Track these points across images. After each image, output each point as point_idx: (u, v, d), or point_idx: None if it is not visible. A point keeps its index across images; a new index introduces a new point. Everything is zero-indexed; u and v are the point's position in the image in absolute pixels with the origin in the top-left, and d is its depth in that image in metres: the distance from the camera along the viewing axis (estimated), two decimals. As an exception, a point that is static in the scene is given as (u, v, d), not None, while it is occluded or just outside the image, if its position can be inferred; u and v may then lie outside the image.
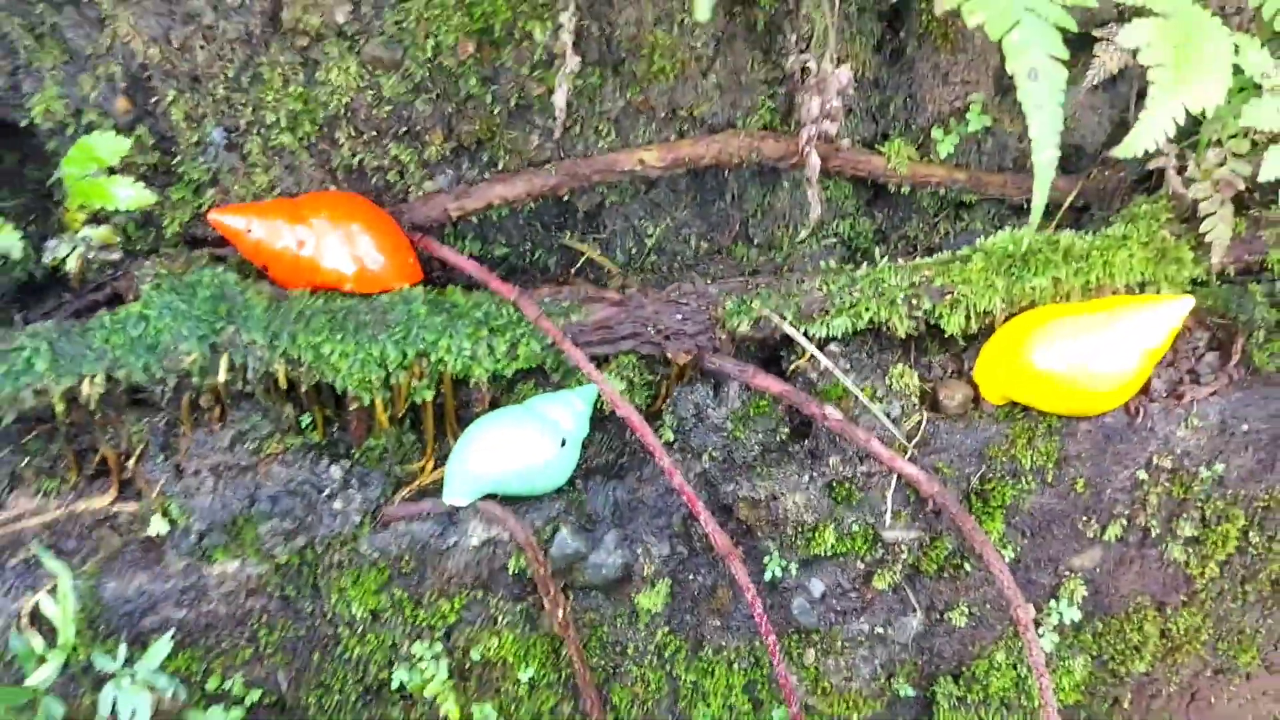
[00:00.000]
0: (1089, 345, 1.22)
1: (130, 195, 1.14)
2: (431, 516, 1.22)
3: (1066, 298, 1.30)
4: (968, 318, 1.30)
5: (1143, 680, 1.52)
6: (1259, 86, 1.09)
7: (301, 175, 1.26)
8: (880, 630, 1.35)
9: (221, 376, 1.14)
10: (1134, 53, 0.92)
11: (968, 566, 1.34)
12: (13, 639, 1.15)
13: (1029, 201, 1.43)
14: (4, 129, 1.24)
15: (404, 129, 1.25)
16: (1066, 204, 1.42)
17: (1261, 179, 1.06)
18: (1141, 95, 1.39)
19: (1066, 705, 1.49)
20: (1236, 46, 1.05)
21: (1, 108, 1.22)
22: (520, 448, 1.19)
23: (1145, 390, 1.31)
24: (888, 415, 1.27)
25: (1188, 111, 1.31)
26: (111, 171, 1.16)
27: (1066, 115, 1.40)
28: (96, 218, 1.27)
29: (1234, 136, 1.29)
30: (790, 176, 1.40)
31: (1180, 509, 1.36)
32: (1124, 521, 1.36)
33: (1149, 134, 0.86)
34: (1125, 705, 1.54)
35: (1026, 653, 1.25)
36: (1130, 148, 0.86)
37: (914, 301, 1.28)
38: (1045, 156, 0.84)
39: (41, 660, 1.14)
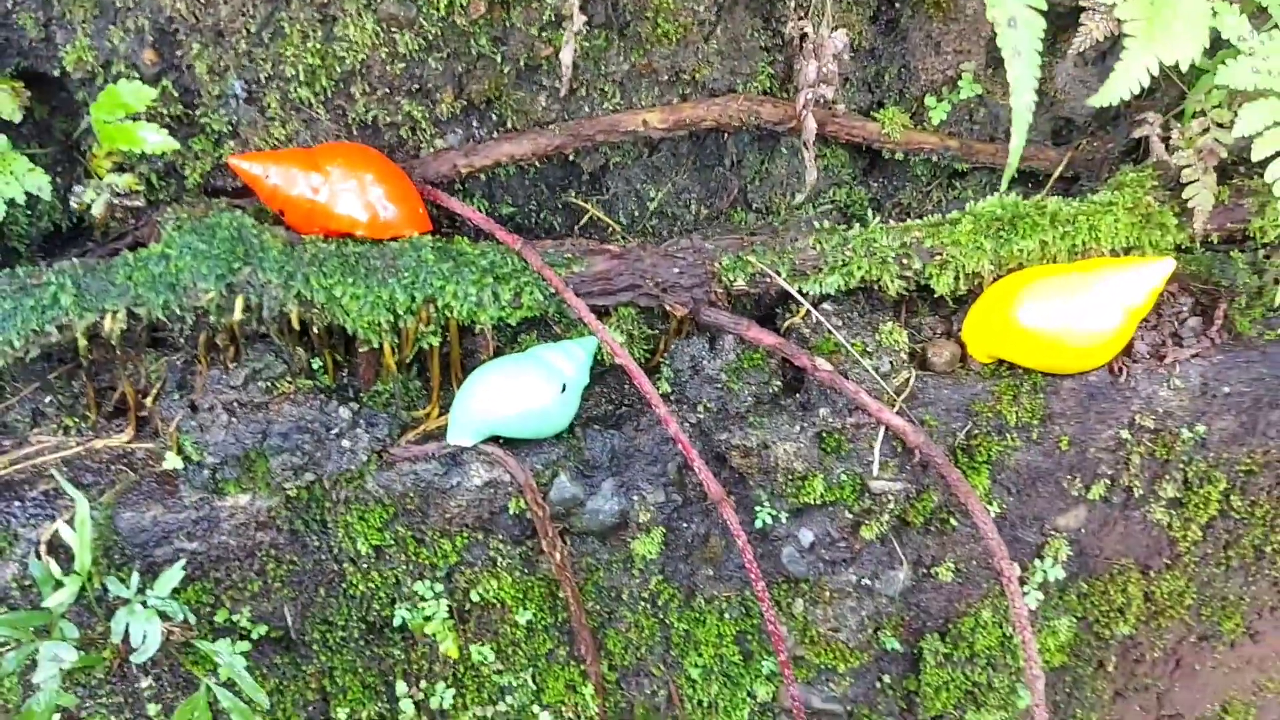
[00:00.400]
0: (1073, 304, 1.27)
1: (157, 140, 1.19)
2: (436, 457, 1.27)
3: (1053, 260, 1.35)
4: (956, 278, 1.34)
5: (1127, 644, 1.55)
6: (1236, 50, 1.14)
7: (318, 129, 1.32)
8: (868, 582, 1.39)
9: (237, 315, 1.19)
10: (1111, 8, 0.96)
11: (954, 522, 1.38)
12: (32, 565, 1.20)
13: (1020, 172, 1.48)
14: (37, 80, 1.29)
15: (416, 86, 1.30)
16: (1056, 174, 1.47)
17: (1235, 134, 1.10)
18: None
19: (1052, 668, 1.53)
20: (1214, 10, 1.09)
21: (35, 59, 1.27)
22: (523, 391, 1.24)
23: (1128, 351, 1.36)
24: (877, 370, 1.31)
25: (1173, 78, 1.36)
26: (136, 118, 1.21)
27: (1056, 89, 1.46)
28: (121, 166, 1.33)
29: (1217, 106, 1.33)
30: (788, 143, 1.45)
31: (1163, 470, 1.40)
32: (1108, 481, 1.39)
33: (1124, 84, 0.91)
34: (1110, 669, 1.57)
35: (1010, 608, 1.29)
36: (1105, 96, 0.90)
37: (904, 261, 1.33)
38: (1023, 100, 0.89)
39: (58, 585, 1.19)
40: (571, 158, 1.40)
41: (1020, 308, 1.28)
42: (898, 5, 1.39)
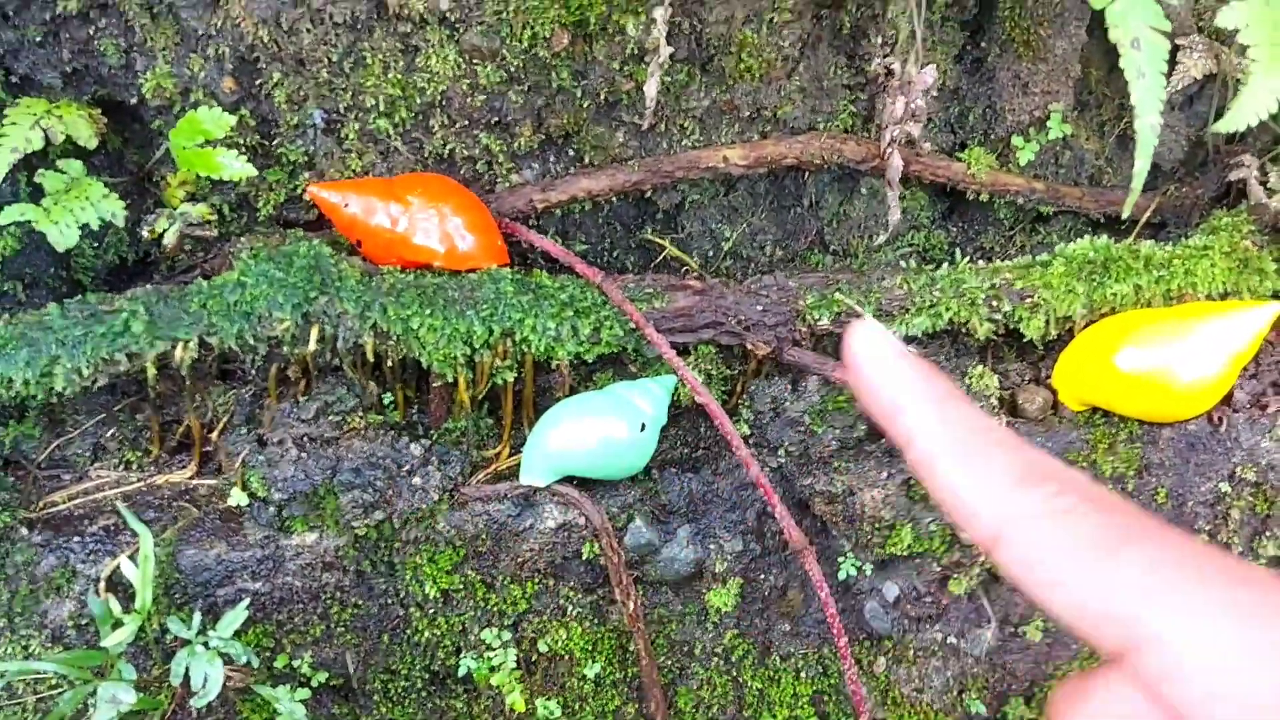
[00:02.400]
0: (1173, 348, 1.22)
1: (237, 166, 1.18)
2: (509, 497, 1.22)
3: (1148, 305, 1.30)
4: (1047, 322, 1.29)
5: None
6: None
7: (395, 161, 1.29)
8: (954, 640, 1.32)
9: (312, 346, 1.16)
10: (1232, 34, 0.93)
11: (1045, 576, 1.32)
12: (90, 602, 1.15)
13: (1106, 215, 1.44)
14: (112, 109, 1.28)
15: (495, 119, 1.28)
16: (1143, 220, 1.43)
17: None
18: (1220, 113, 1.41)
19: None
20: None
21: (113, 86, 1.26)
22: (599, 429, 1.20)
23: (1229, 400, 1.30)
24: (967, 415, 1.26)
25: (1266, 122, 1.32)
26: (215, 145, 1.20)
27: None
28: (194, 197, 1.31)
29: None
30: (868, 184, 1.42)
31: (1264, 526, 1.33)
32: (1205, 537, 1.33)
33: (1250, 109, 0.87)
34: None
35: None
36: (1231, 123, 0.86)
37: (994, 303, 1.28)
38: (1148, 122, 0.85)
39: (118, 624, 1.14)
40: (648, 195, 1.37)
41: (1117, 352, 1.23)
42: (984, 44, 1.37)
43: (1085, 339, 1.28)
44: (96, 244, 1.34)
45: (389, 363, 1.20)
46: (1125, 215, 1.00)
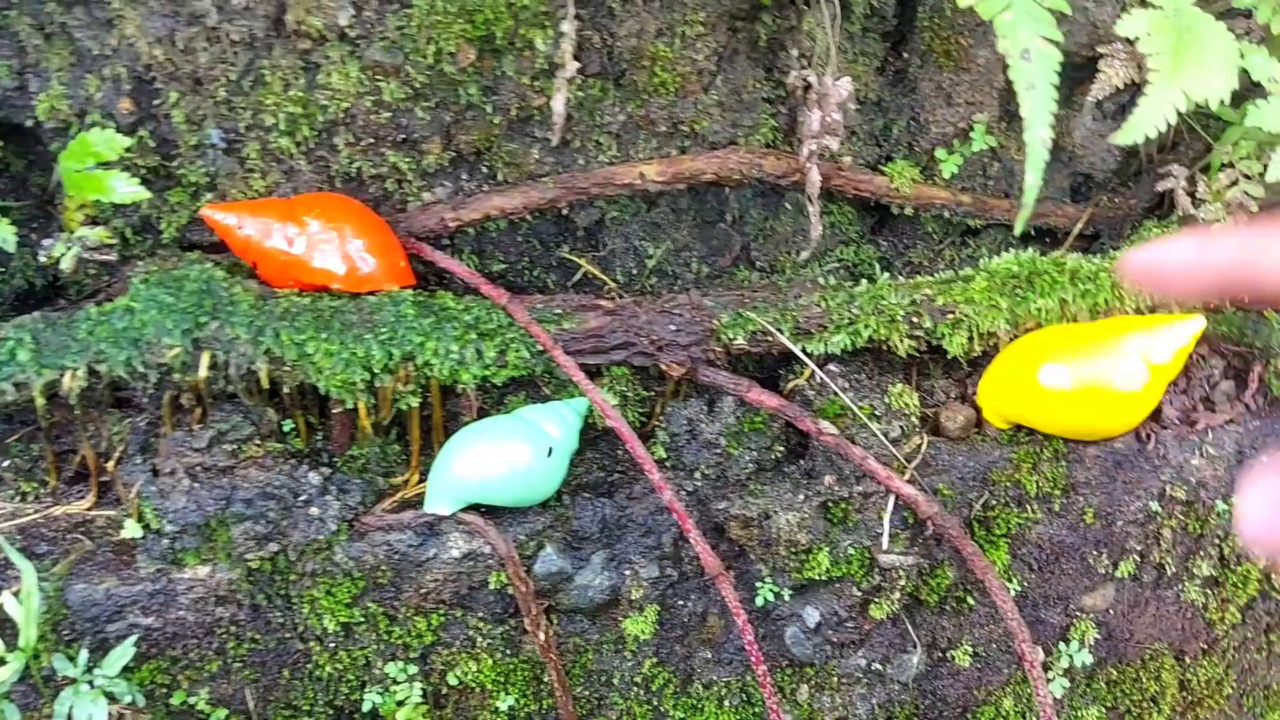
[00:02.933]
0: (1097, 364, 1.18)
1: (127, 189, 1.14)
2: (411, 527, 1.19)
3: (1073, 320, 1.27)
4: (970, 338, 1.26)
5: (1163, 737, 1.43)
6: (1266, 92, 1.07)
7: (299, 181, 1.26)
8: (879, 667, 1.29)
9: (203, 373, 1.12)
10: (1133, 42, 0.90)
11: (971, 600, 1.28)
12: (-25, 639, 1.11)
13: (1038, 228, 1.41)
14: (10, 131, 1.25)
15: (402, 137, 1.25)
16: (1075, 232, 1.40)
17: (1269, 179, 1.03)
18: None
19: (1082, 762, 1.41)
20: (1241, 52, 1.03)
21: (9, 109, 1.22)
22: (506, 455, 1.16)
23: (1157, 417, 1.27)
24: (886, 435, 1.23)
25: (1198, 130, 1.29)
26: (109, 166, 1.16)
27: (1074, 143, 1.39)
28: (95, 220, 1.27)
29: (1245, 157, 1.27)
30: (792, 198, 1.39)
31: (1197, 546, 1.30)
32: (1137, 557, 1.29)
33: (1148, 120, 0.84)
34: (1145, 764, 1.45)
35: (1034, 697, 1.18)
36: (1129, 134, 0.83)
37: (915, 320, 1.25)
38: (1038, 134, 0.82)
39: (1, 663, 1.10)
40: (565, 212, 1.34)
41: (1040, 369, 1.20)
42: (906, 55, 1.34)
43: (1008, 355, 1.25)
44: (1, 269, 1.31)
45: (286, 389, 1.17)
46: (1017, 232, 0.97)
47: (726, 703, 1.31)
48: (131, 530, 1.17)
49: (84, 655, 1.12)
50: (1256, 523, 0.49)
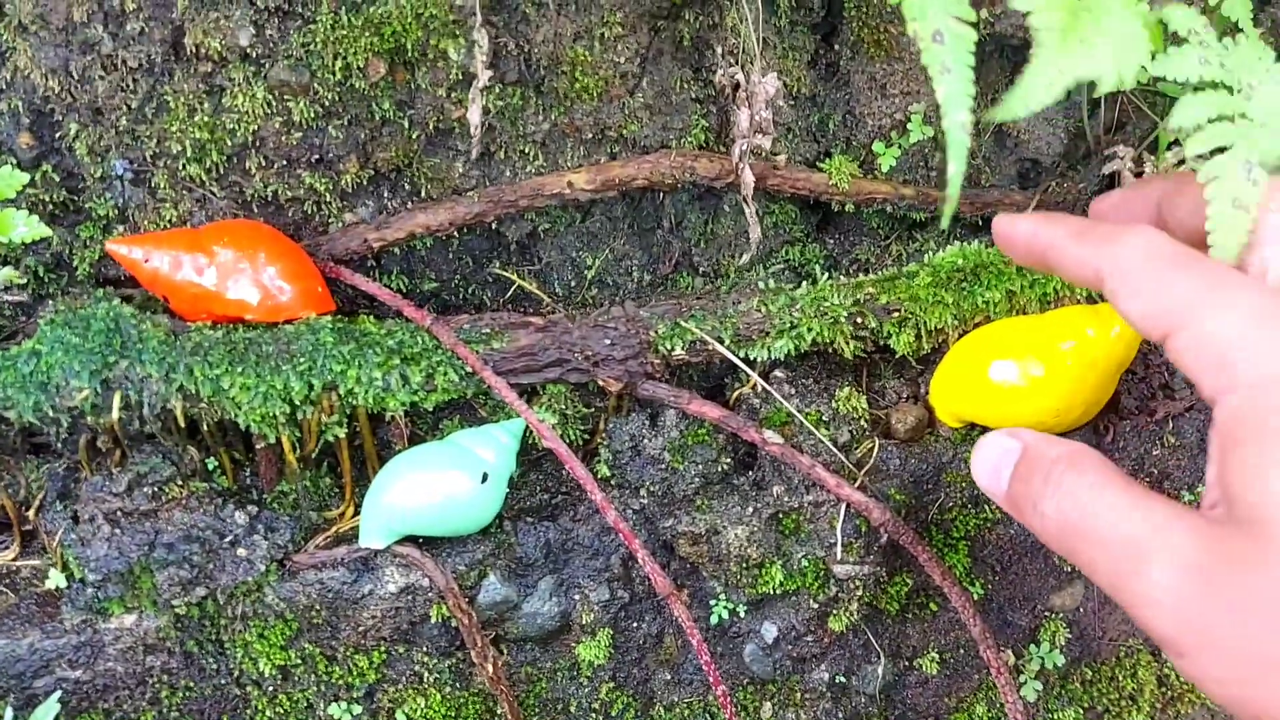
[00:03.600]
0: (1048, 356, 1.14)
1: (24, 230, 1.10)
2: (344, 563, 1.14)
3: (1022, 312, 1.22)
4: (918, 336, 1.22)
5: (1143, 734, 1.39)
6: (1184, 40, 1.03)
7: (213, 208, 1.21)
8: (843, 679, 1.24)
9: (115, 414, 1.08)
10: (1025, 16, 0.85)
11: (934, 606, 1.24)
12: (-108, 704, 1.07)
13: (984, 218, 1.36)
14: (-90, 172, 1.20)
15: (317, 157, 1.20)
16: (1024, 220, 1.35)
17: (1171, 126, 0.98)
18: (1099, 102, 1.34)
19: (1062, 764, 1.36)
20: (1162, 19, 0.98)
21: (-97, 148, 1.18)
22: (438, 483, 1.12)
23: (1114, 407, 1.22)
24: (835, 441, 1.18)
25: (1145, 110, 1.25)
26: (10, 204, 1.12)
27: (1019, 129, 1.35)
28: (4, 260, 1.23)
29: (1191, 135, 1.22)
30: (730, 200, 1.34)
31: (1164, 537, 1.25)
32: (1103, 553, 1.25)
33: (1025, 99, 0.79)
34: (1127, 763, 1.41)
35: (1005, 703, 1.14)
36: (1007, 111, 0.78)
37: (859, 320, 1.21)
38: (956, 119, 0.77)
39: (-79, 727, 1.06)
40: (495, 226, 1.30)
41: (990, 365, 1.16)
42: (836, 47, 1.29)
43: (957, 352, 1.20)
44: (-84, 313, 1.26)
45: (205, 426, 1.12)
46: (944, 226, 0.92)
47: (688, 725, 1.27)
48: (55, 580, 1.13)
49: (9, 714, 1.08)
50: (985, 473, 0.77)
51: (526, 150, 1.26)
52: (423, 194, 1.26)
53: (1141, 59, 0.81)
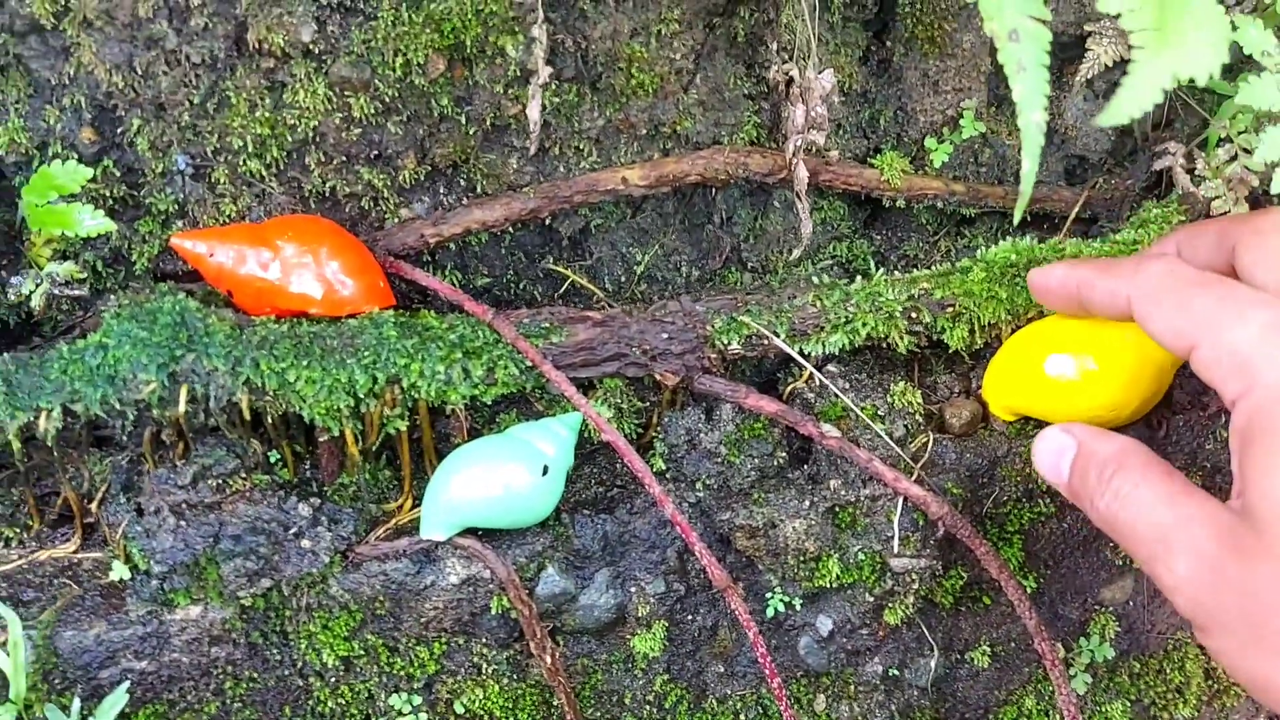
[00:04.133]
0: (1104, 351, 1.15)
1: (93, 223, 1.10)
2: (407, 555, 1.15)
3: (1076, 306, 1.23)
4: (971, 331, 1.23)
5: (1190, 728, 1.40)
6: (1260, 66, 1.04)
7: (272, 204, 1.22)
8: (896, 672, 1.25)
9: (181, 407, 1.09)
10: (1116, 18, 0.86)
11: (987, 599, 1.25)
12: (-39, 695, 1.08)
13: (1033, 214, 1.37)
14: (-27, 167, 1.21)
15: (375, 153, 1.21)
16: (1072, 216, 1.36)
17: (1257, 160, 0.99)
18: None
19: (1108, 757, 1.37)
20: (1234, 24, 0.99)
21: (-34, 144, 1.19)
22: (500, 476, 1.13)
23: (1168, 403, 1.23)
24: (891, 435, 1.19)
25: (1193, 106, 1.26)
26: (73, 199, 1.13)
27: (1066, 125, 1.36)
28: (64, 254, 1.24)
29: (1243, 131, 1.23)
30: (781, 196, 1.35)
31: (1215, 531, 1.26)
32: (1155, 547, 1.26)
33: (1133, 101, 0.80)
34: (1172, 756, 1.41)
35: (1056, 694, 1.15)
36: (1113, 116, 0.79)
37: (913, 315, 1.22)
38: (1033, 119, 0.78)
39: (-9, 717, 1.07)
40: (549, 222, 1.31)
41: (1046, 359, 1.16)
42: (889, 44, 1.30)
43: (1012, 346, 1.21)
44: (-29, 308, 1.27)
45: (269, 419, 1.13)
46: (1015, 221, 0.93)
47: (742, 716, 1.28)
48: (119, 572, 1.14)
49: (77, 704, 1.09)
50: (1047, 467, 0.88)
51: (581, 146, 1.26)
52: (478, 190, 1.27)
53: (1225, 53, 0.83)
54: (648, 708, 1.26)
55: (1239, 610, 0.65)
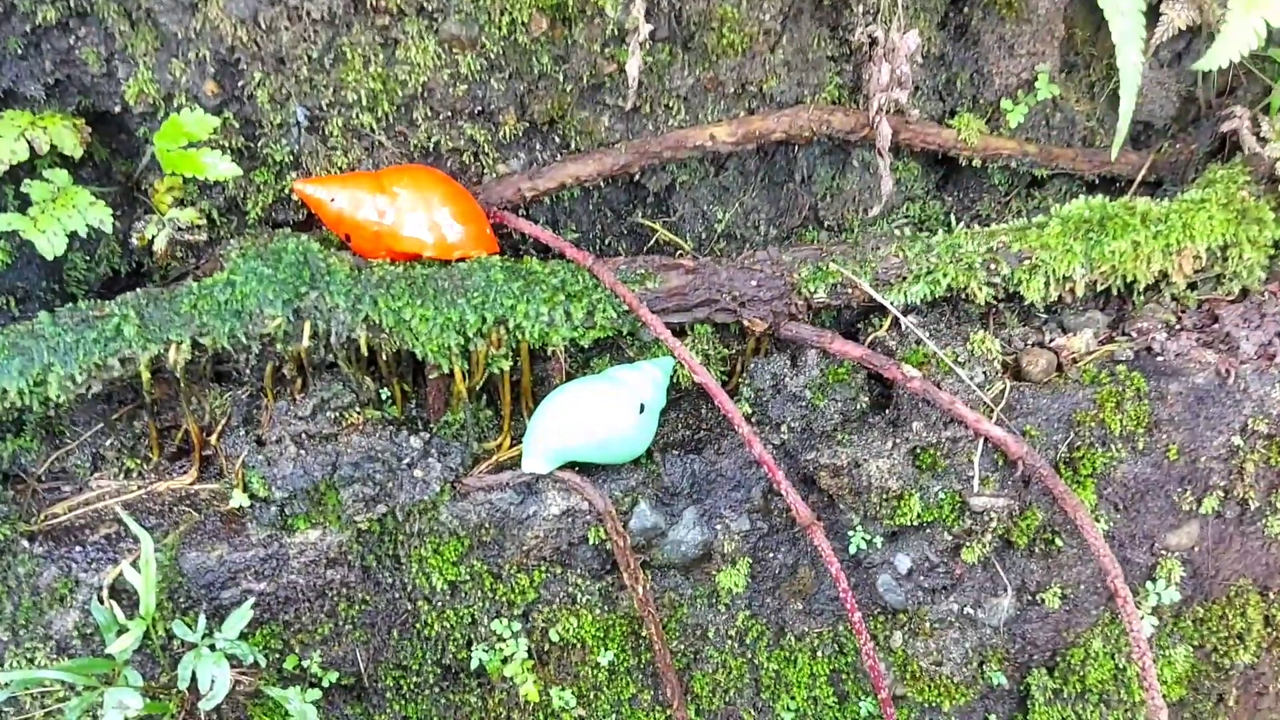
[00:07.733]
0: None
1: (224, 166, 1.17)
2: (511, 486, 1.21)
3: (1147, 261, 1.28)
4: (1047, 283, 1.28)
5: (1249, 675, 1.44)
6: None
7: (380, 156, 1.29)
8: (970, 611, 1.30)
9: (305, 342, 1.15)
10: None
11: (1059, 542, 1.30)
12: (94, 610, 1.14)
13: (1101, 176, 1.42)
14: (97, 119, 1.28)
15: (479, 109, 1.27)
16: (1139, 178, 1.41)
17: None
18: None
19: (1170, 701, 1.42)
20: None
21: (97, 95, 1.26)
22: (599, 413, 1.19)
23: (1234, 351, 1.28)
24: (971, 381, 1.24)
25: (1255, 72, 1.31)
26: (200, 146, 1.19)
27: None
28: (182, 202, 1.30)
29: (1311, 92, 1.28)
30: (859, 156, 1.41)
31: (1280, 479, 1.31)
32: (1221, 493, 1.31)
33: (1228, 48, 0.86)
34: (1231, 703, 1.46)
35: (1129, 633, 1.20)
36: (1213, 59, 0.85)
37: (992, 267, 1.27)
38: (1130, 59, 0.84)
39: (122, 630, 1.13)
40: (637, 178, 1.37)
41: None
42: (966, 9, 1.35)
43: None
44: (88, 256, 1.34)
45: (383, 356, 1.19)
46: (1114, 156, 0.98)
47: (820, 653, 1.33)
48: (238, 500, 1.20)
49: (202, 621, 1.15)
50: None
51: (670, 105, 1.32)
52: (572, 146, 1.33)
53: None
54: (730, 643, 1.32)
55: None
